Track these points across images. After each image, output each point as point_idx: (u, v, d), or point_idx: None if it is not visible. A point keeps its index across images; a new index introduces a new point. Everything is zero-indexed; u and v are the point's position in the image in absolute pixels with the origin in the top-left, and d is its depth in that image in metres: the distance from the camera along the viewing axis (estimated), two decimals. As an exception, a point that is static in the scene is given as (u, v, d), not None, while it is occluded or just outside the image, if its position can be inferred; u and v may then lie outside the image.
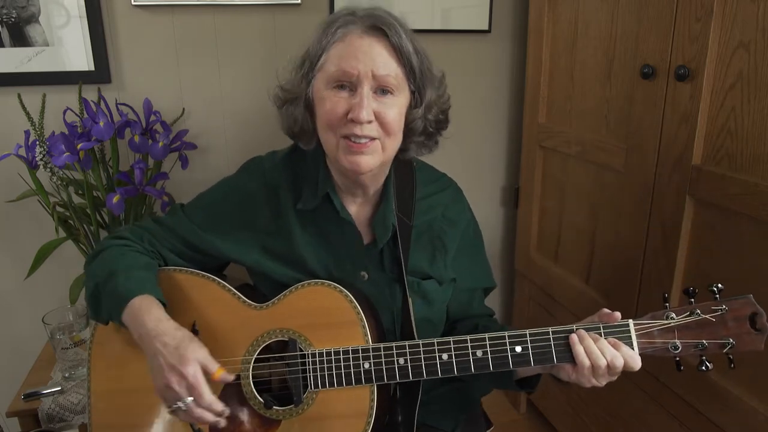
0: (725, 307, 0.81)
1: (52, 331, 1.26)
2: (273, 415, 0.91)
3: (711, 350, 0.82)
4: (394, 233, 0.98)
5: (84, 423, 1.27)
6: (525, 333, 0.85)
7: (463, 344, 0.86)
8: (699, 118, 1.09)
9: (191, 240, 1.02)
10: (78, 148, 1.25)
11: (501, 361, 0.85)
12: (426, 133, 0.97)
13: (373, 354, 0.88)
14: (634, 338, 0.83)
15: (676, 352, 0.82)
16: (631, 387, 1.36)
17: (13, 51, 1.41)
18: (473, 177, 1.86)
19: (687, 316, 0.82)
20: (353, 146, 0.88)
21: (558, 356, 0.84)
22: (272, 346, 0.94)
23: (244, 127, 1.62)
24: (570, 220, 1.58)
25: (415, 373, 0.87)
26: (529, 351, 0.84)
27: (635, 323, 0.84)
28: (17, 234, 1.53)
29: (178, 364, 0.83)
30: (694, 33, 1.09)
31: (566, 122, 1.54)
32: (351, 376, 0.88)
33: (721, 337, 0.81)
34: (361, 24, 0.88)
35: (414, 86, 0.92)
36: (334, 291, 0.92)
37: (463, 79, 1.76)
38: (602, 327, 0.84)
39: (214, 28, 1.53)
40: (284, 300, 0.94)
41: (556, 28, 1.55)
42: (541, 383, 0.96)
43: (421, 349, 0.87)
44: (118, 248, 0.98)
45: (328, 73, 0.88)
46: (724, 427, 1.11)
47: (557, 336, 0.84)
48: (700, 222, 1.14)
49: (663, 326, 0.83)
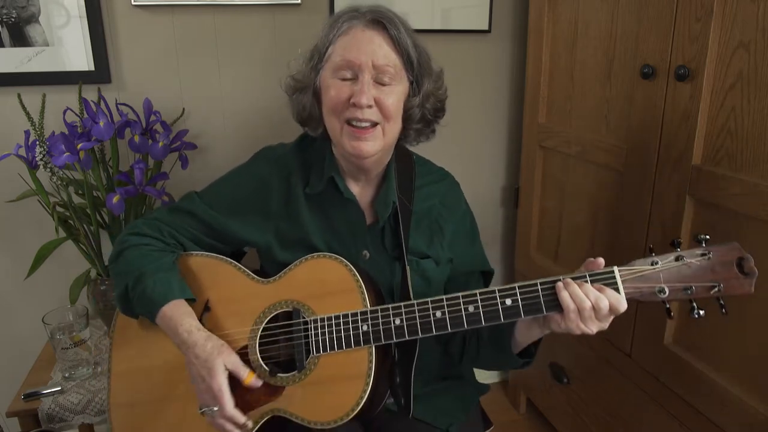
0: (710, 253, 0.82)
1: (52, 331, 1.27)
2: (277, 381, 0.95)
3: (699, 294, 0.82)
4: (395, 213, 1.04)
5: (84, 423, 1.27)
6: (514, 286, 0.87)
7: (455, 301, 0.90)
8: (699, 118, 1.10)
9: (210, 223, 1.07)
10: (78, 148, 1.25)
11: (492, 315, 0.88)
12: (424, 120, 1.05)
13: (371, 316, 0.92)
14: (620, 283, 0.84)
15: (663, 297, 0.82)
16: (631, 387, 1.36)
17: (13, 51, 1.41)
18: (473, 177, 1.86)
19: (672, 261, 0.83)
20: (356, 131, 0.95)
21: (546, 305, 0.86)
22: (279, 317, 0.99)
23: (244, 127, 1.62)
24: (570, 220, 1.59)
25: (410, 332, 0.91)
26: (519, 303, 0.87)
27: (620, 269, 0.84)
28: (17, 234, 1.53)
29: (207, 377, 0.91)
30: (694, 33, 1.09)
31: (566, 122, 1.54)
32: (350, 339, 0.92)
33: (709, 281, 0.81)
34: (363, 18, 0.97)
35: (412, 77, 0.99)
36: (334, 262, 0.98)
37: (463, 79, 1.76)
38: (588, 275, 0.85)
39: (214, 28, 1.53)
40: (289, 274, 1.00)
41: (556, 28, 1.56)
42: (543, 383, 0.96)
43: (416, 308, 0.91)
44: (139, 248, 1.03)
45: (334, 63, 0.97)
46: (724, 427, 1.11)
47: (545, 286, 0.86)
48: (700, 222, 1.14)
49: (648, 271, 0.83)
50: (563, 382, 1.63)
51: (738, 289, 0.80)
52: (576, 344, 1.57)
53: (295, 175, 1.06)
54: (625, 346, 1.37)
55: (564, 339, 1.63)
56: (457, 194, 1.14)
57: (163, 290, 0.97)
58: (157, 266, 1.00)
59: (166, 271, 1.00)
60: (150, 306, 0.97)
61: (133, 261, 1.01)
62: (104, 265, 1.41)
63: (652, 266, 0.83)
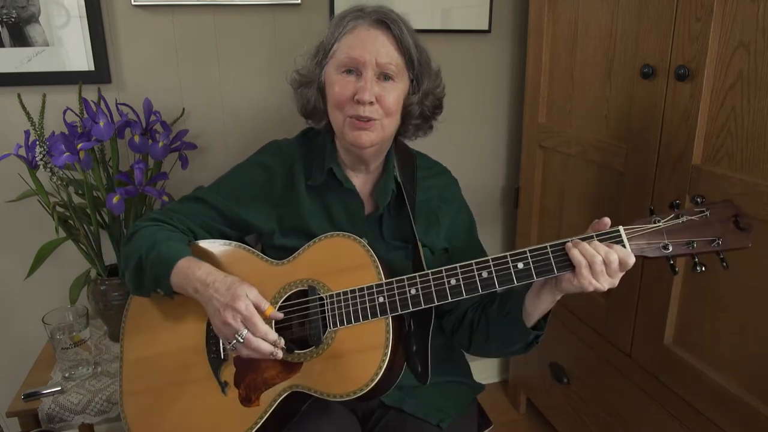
0: (708, 210, 0.86)
1: (52, 331, 1.27)
2: (295, 358, 0.96)
3: (700, 248, 0.86)
4: (397, 202, 1.08)
5: (84, 423, 1.27)
6: (525, 251, 0.90)
7: (468, 267, 0.92)
8: (699, 118, 1.10)
9: (220, 209, 1.10)
10: (78, 148, 1.25)
11: (506, 278, 0.90)
12: (423, 116, 1.10)
13: (387, 288, 0.94)
14: (626, 240, 0.87)
15: (667, 252, 0.86)
16: (631, 387, 1.36)
17: (13, 51, 1.41)
18: (473, 177, 1.86)
19: (673, 219, 0.87)
20: (357, 123, 1.00)
21: (557, 266, 0.88)
22: (294, 297, 1.00)
23: (244, 127, 1.62)
24: (570, 220, 1.59)
25: (426, 300, 0.93)
26: (531, 265, 0.89)
27: (625, 228, 0.88)
28: (17, 234, 1.53)
29: (231, 302, 0.91)
30: (694, 33, 1.09)
31: (566, 122, 1.54)
32: (367, 311, 0.94)
33: (709, 236, 0.85)
34: (368, 18, 1.01)
35: (412, 75, 1.04)
36: (347, 239, 1.00)
37: (463, 79, 1.76)
38: (595, 235, 0.88)
39: (214, 28, 1.53)
40: (303, 254, 1.02)
41: (556, 28, 1.56)
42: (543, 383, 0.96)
43: (430, 277, 0.93)
44: (151, 227, 1.06)
45: (339, 59, 1.01)
46: (724, 427, 1.11)
47: (555, 248, 0.89)
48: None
49: (652, 229, 0.87)
50: (563, 382, 1.63)
51: (736, 243, 0.85)
52: (576, 344, 1.57)
53: (297, 166, 1.10)
54: (625, 346, 1.37)
55: (564, 339, 1.63)
56: (454, 189, 1.18)
57: (177, 251, 0.99)
58: (170, 236, 1.03)
59: (178, 241, 1.03)
60: (165, 266, 0.98)
61: (147, 236, 1.03)
62: (104, 265, 1.41)
63: (655, 224, 0.87)
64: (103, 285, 1.39)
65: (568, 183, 1.57)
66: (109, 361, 1.38)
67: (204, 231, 1.10)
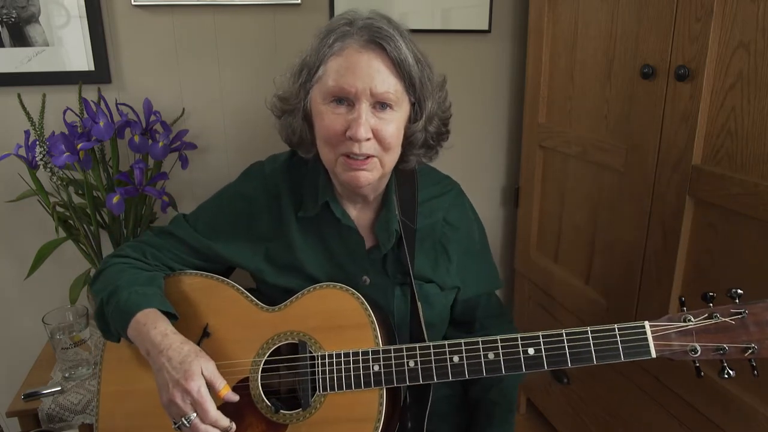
0: (746, 311, 0.78)
1: (52, 331, 1.26)
2: (280, 419, 0.90)
3: (732, 355, 0.79)
4: (398, 238, 0.98)
5: (84, 423, 1.27)
6: (538, 335, 0.83)
7: (474, 346, 0.85)
8: (699, 118, 1.09)
9: (196, 246, 1.02)
10: (78, 148, 1.25)
11: (513, 364, 0.83)
12: (426, 145, 0.97)
13: (383, 356, 0.87)
14: (650, 339, 0.81)
15: (695, 356, 0.79)
16: (631, 387, 1.36)
17: (13, 51, 1.41)
18: (473, 177, 1.86)
19: (705, 319, 0.79)
20: (352, 163, 0.88)
21: (572, 359, 0.82)
22: (282, 349, 0.94)
23: (244, 127, 1.62)
24: (570, 220, 1.58)
25: (425, 376, 0.86)
26: (543, 353, 0.83)
27: (651, 325, 0.81)
28: (17, 234, 1.53)
29: (182, 380, 0.82)
30: (694, 33, 1.09)
31: (566, 122, 1.54)
32: (360, 379, 0.87)
33: (743, 342, 0.77)
34: (359, 37, 0.86)
35: (414, 98, 0.90)
36: (345, 293, 0.92)
37: (463, 79, 1.76)
38: (617, 328, 0.82)
39: (214, 28, 1.53)
40: (296, 302, 0.94)
41: (556, 28, 1.55)
42: (543, 383, 0.96)
43: (431, 351, 0.86)
44: (118, 266, 0.98)
45: (326, 86, 0.87)
46: (724, 427, 1.11)
47: (571, 338, 0.82)
48: (700, 222, 1.14)
49: (680, 328, 0.80)
50: (563, 382, 1.63)
51: None
52: (576, 344, 1.57)
53: (284, 196, 0.99)
54: (625, 346, 1.37)
55: (564, 339, 1.63)
56: (461, 208, 1.07)
57: (137, 300, 0.89)
58: (133, 281, 0.93)
59: (142, 285, 0.92)
60: (122, 318, 0.88)
61: (110, 277, 0.95)
62: (104, 265, 1.41)
63: (684, 323, 0.80)
64: (103, 285, 1.39)
65: (568, 183, 1.57)
66: (109, 361, 1.38)
67: (180, 266, 1.02)
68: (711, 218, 1.11)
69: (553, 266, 1.67)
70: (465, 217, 1.07)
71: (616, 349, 0.81)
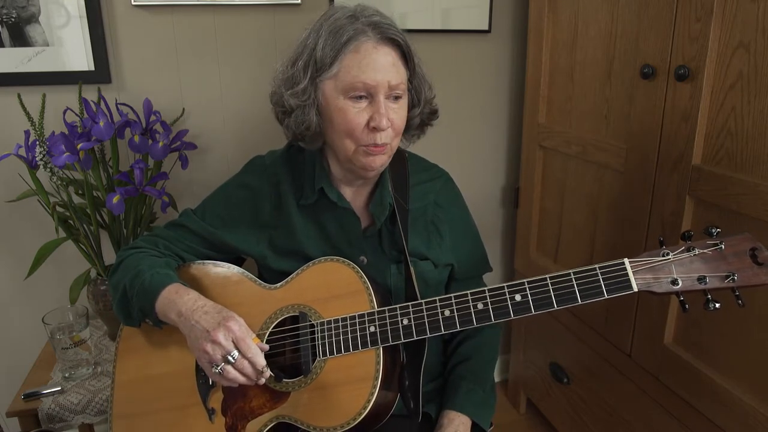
0: (722, 243, 0.80)
1: (52, 331, 1.27)
2: (282, 387, 0.94)
3: (713, 284, 0.80)
4: (392, 215, 1.03)
5: (84, 423, 1.27)
6: (524, 282, 0.87)
7: (464, 298, 0.89)
8: (699, 118, 1.10)
9: (205, 236, 1.07)
10: (78, 148, 1.25)
11: (502, 311, 0.87)
12: (421, 126, 1.06)
13: (378, 317, 0.91)
14: (631, 275, 0.82)
15: (676, 288, 0.81)
16: (631, 387, 1.36)
17: (13, 51, 1.41)
18: (473, 177, 1.86)
19: (683, 251, 0.81)
20: (373, 149, 0.94)
21: (558, 300, 0.85)
22: (286, 323, 0.98)
23: (244, 127, 1.62)
24: (570, 220, 1.59)
25: (419, 331, 0.90)
26: (529, 298, 0.86)
27: (631, 261, 0.83)
28: (17, 234, 1.53)
29: (223, 321, 0.87)
30: (694, 33, 1.09)
31: (566, 122, 1.54)
32: (357, 340, 0.91)
33: (722, 271, 0.79)
34: (373, 34, 0.92)
35: (412, 86, 0.99)
36: (341, 265, 0.97)
37: (463, 79, 1.76)
38: (598, 267, 0.84)
39: (214, 28, 1.53)
40: (296, 278, 1.00)
41: (556, 28, 1.55)
42: (542, 383, 0.97)
43: (423, 307, 0.90)
44: (135, 255, 1.03)
45: (345, 82, 0.92)
46: (724, 427, 1.11)
47: (555, 282, 0.85)
48: (700, 222, 1.14)
49: (660, 263, 0.81)
50: (563, 382, 1.63)
51: (753, 279, 0.78)
52: (576, 344, 1.57)
53: (284, 184, 1.05)
54: (625, 346, 1.37)
55: (564, 339, 1.63)
56: (451, 192, 1.13)
57: (162, 279, 0.95)
58: (154, 264, 0.99)
59: (162, 267, 0.99)
60: (149, 295, 0.94)
61: (130, 264, 1.00)
62: (104, 265, 1.41)
63: (663, 257, 0.82)
64: (103, 285, 1.39)
65: (568, 183, 1.57)
66: (109, 361, 1.38)
67: (191, 255, 1.08)
68: (711, 218, 1.11)
69: (553, 266, 1.67)
70: (455, 202, 1.13)
71: (598, 286, 0.84)
